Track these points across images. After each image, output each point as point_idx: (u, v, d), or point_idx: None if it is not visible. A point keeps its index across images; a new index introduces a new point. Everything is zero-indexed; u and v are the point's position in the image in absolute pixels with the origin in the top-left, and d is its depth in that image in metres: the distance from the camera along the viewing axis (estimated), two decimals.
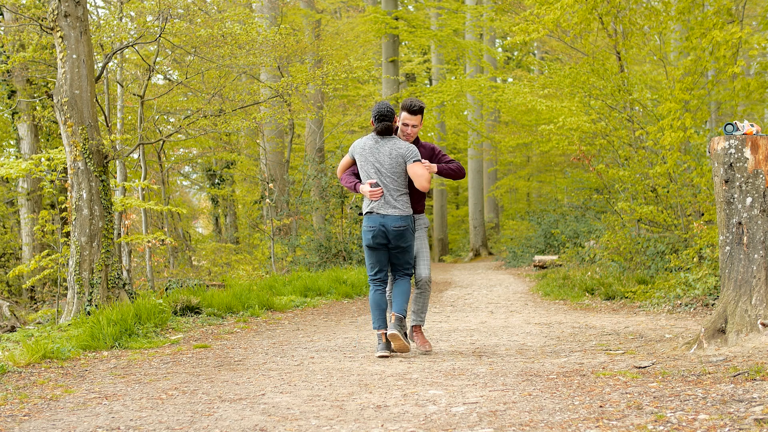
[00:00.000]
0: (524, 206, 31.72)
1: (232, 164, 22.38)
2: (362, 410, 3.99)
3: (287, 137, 19.40)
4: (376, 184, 5.78)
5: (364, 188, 5.84)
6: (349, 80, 18.61)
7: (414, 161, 5.77)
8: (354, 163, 6.05)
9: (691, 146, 10.83)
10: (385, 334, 5.79)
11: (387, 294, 6.03)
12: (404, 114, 5.97)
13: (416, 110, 5.95)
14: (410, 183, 5.90)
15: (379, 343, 5.82)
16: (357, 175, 6.04)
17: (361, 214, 6.03)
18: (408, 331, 6.13)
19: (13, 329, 8.42)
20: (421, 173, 5.76)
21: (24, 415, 4.16)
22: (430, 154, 6.11)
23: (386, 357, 5.73)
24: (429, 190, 6.34)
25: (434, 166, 5.96)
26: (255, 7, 20.23)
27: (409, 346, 5.85)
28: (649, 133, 9.92)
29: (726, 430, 3.21)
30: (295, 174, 20.13)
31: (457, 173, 6.08)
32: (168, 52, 11.95)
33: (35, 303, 13.71)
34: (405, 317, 5.84)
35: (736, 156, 5.12)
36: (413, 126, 5.97)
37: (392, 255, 5.90)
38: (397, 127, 6.03)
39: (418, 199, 6.02)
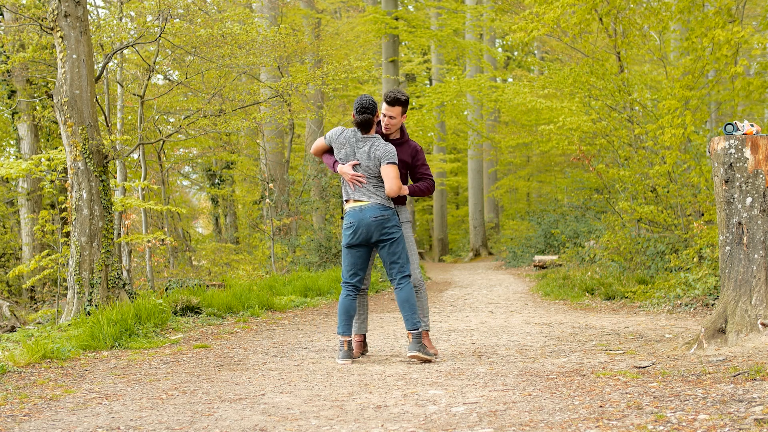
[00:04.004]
0: (524, 206, 31.72)
1: (232, 164, 22.38)
2: (362, 410, 3.99)
3: (287, 137, 19.40)
4: (358, 166, 5.55)
5: (345, 168, 5.58)
6: (349, 80, 18.62)
7: (388, 163, 5.51)
8: (330, 149, 5.80)
9: (691, 146, 10.83)
10: (348, 341, 5.59)
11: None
12: (383, 105, 5.75)
13: (390, 100, 5.67)
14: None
15: (340, 350, 5.61)
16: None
17: (342, 217, 5.80)
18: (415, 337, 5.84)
19: (13, 329, 8.42)
20: (394, 176, 5.50)
21: (24, 415, 4.16)
22: (412, 154, 5.86)
23: (347, 365, 5.50)
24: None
25: (406, 189, 5.73)
26: (255, 7, 20.23)
27: (432, 358, 5.56)
28: (649, 131, 9.92)
29: (726, 430, 3.21)
30: (295, 174, 20.13)
31: (424, 193, 5.88)
32: (168, 52, 11.94)
33: (35, 303, 13.71)
34: (420, 328, 5.53)
35: (736, 156, 5.12)
36: (390, 117, 5.71)
37: (381, 253, 5.61)
38: (379, 120, 5.83)
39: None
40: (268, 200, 15.48)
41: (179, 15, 11.27)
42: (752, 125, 5.21)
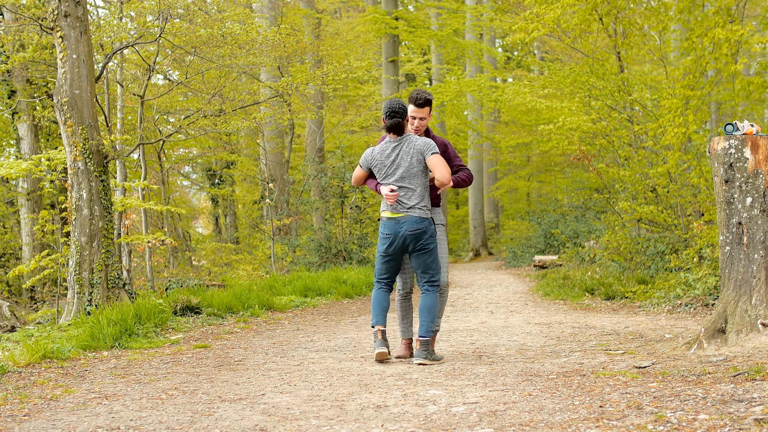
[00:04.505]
0: (524, 206, 31.73)
1: (232, 164, 22.39)
2: (362, 410, 3.98)
3: (287, 137, 19.40)
4: (395, 190, 5.55)
5: (384, 190, 5.58)
6: (349, 80, 18.63)
7: (432, 154, 5.50)
8: (369, 175, 5.78)
9: (691, 146, 10.84)
10: (382, 331, 5.60)
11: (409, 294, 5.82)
12: (410, 107, 5.73)
13: (421, 102, 5.68)
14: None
15: (376, 340, 5.60)
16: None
17: (379, 219, 5.79)
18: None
19: (13, 329, 8.42)
20: (442, 164, 5.50)
21: (24, 415, 4.16)
22: (442, 149, 5.82)
23: (385, 354, 5.54)
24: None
25: (451, 182, 5.65)
26: (255, 7, 20.23)
27: (439, 361, 5.57)
28: (650, 131, 9.92)
29: (726, 430, 3.21)
30: (295, 174, 20.13)
31: (466, 182, 5.84)
32: (168, 52, 11.94)
33: (35, 303, 13.71)
34: (432, 339, 5.56)
35: (736, 156, 5.12)
36: (420, 119, 5.72)
37: (412, 260, 5.62)
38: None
39: (432, 190, 5.72)
40: (268, 200, 15.48)
41: (179, 15, 11.27)
42: (752, 125, 5.21)
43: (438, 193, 5.75)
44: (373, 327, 5.64)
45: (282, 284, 11.75)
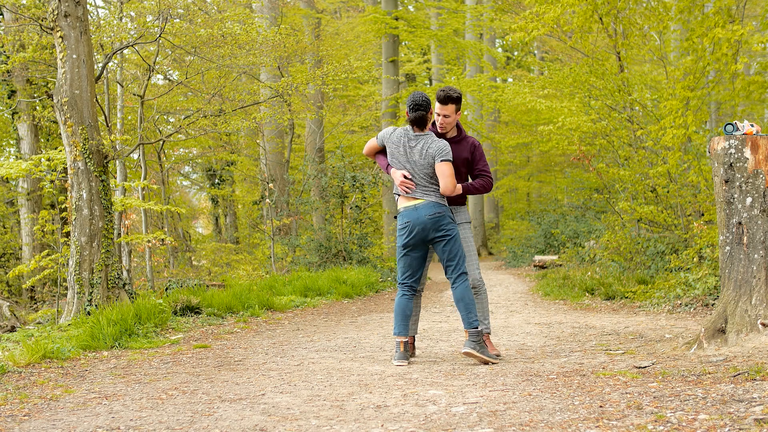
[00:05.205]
0: (524, 206, 31.74)
1: (232, 164, 22.39)
2: (362, 410, 3.98)
3: (287, 137, 19.41)
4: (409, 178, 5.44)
5: (396, 174, 5.44)
6: (349, 80, 18.63)
7: (442, 161, 5.36)
8: (382, 149, 5.67)
9: (691, 146, 10.84)
10: (404, 342, 5.45)
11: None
12: (436, 104, 5.63)
13: (446, 100, 5.55)
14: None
15: (396, 351, 5.44)
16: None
17: (394, 217, 5.69)
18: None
19: (13, 329, 8.42)
20: (449, 173, 5.36)
21: (24, 415, 4.16)
22: (471, 150, 5.74)
23: (403, 366, 5.36)
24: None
25: (460, 187, 5.59)
26: (255, 7, 20.24)
27: (492, 359, 5.39)
28: (651, 132, 9.93)
29: (726, 430, 3.21)
30: (295, 174, 20.13)
31: (479, 191, 5.75)
32: (168, 52, 11.94)
33: (35, 303, 13.71)
34: (478, 327, 5.37)
35: (736, 156, 5.12)
36: (445, 116, 5.61)
37: (437, 251, 5.46)
38: (434, 120, 5.72)
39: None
40: (268, 200, 15.48)
41: (179, 15, 11.28)
42: (752, 125, 5.21)
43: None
44: (395, 336, 5.50)
45: (282, 284, 11.75)
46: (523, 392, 4.27)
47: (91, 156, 8.44)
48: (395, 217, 5.65)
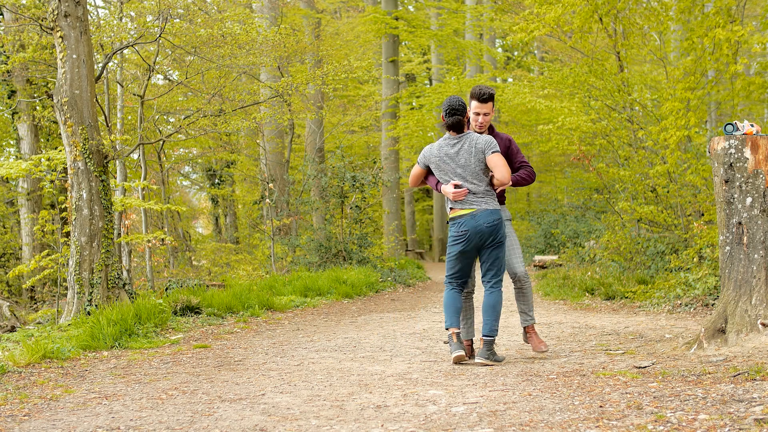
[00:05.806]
0: (524, 206, 31.73)
1: (232, 164, 22.40)
2: (362, 410, 3.98)
3: (287, 137, 19.40)
4: (460, 186, 5.46)
5: (447, 188, 5.47)
6: (349, 80, 18.65)
7: (493, 152, 5.41)
8: (427, 172, 5.69)
9: (690, 146, 10.84)
10: (457, 333, 5.45)
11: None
12: (474, 103, 5.68)
13: (486, 98, 5.64)
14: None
15: (452, 343, 5.41)
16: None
17: (448, 222, 5.65)
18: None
19: (13, 329, 8.42)
20: (502, 163, 5.40)
21: (24, 415, 4.16)
22: (506, 145, 5.78)
23: (463, 357, 5.37)
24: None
25: (510, 181, 5.56)
26: (255, 7, 20.24)
27: (495, 364, 5.42)
28: (652, 133, 9.93)
29: (726, 430, 3.21)
30: (295, 174, 20.13)
31: (527, 181, 5.77)
32: (168, 52, 11.95)
33: (35, 303, 13.72)
34: (494, 337, 5.43)
35: (736, 156, 5.12)
36: (485, 114, 5.68)
37: (484, 254, 5.49)
38: (469, 119, 5.72)
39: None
40: (268, 200, 15.48)
41: (179, 15, 11.28)
42: (752, 125, 5.21)
43: (498, 190, 5.62)
44: (447, 329, 5.52)
45: (282, 284, 11.75)
46: (523, 392, 4.27)
47: (91, 156, 8.44)
48: (447, 223, 5.66)
